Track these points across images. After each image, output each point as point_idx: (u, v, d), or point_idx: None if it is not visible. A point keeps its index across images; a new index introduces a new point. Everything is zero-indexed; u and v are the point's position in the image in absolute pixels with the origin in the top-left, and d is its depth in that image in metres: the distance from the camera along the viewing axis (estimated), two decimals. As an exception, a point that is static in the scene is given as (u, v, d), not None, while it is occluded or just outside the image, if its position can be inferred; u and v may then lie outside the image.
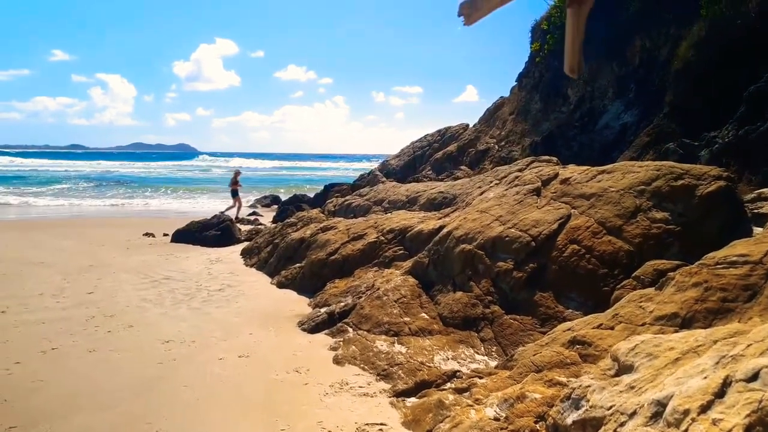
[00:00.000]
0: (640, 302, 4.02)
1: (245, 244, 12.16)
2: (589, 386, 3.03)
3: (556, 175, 6.60)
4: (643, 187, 5.48)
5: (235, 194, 18.78)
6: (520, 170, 7.60)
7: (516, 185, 6.90)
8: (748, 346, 2.47)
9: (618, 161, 9.96)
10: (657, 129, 9.50)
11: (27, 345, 5.71)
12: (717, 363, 2.47)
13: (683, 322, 3.55)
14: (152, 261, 10.64)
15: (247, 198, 28.61)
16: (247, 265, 10.15)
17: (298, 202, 22.63)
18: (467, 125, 19.62)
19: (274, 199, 27.39)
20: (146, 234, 14.52)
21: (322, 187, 25.73)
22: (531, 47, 15.14)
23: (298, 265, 8.59)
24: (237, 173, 19.70)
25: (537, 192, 6.48)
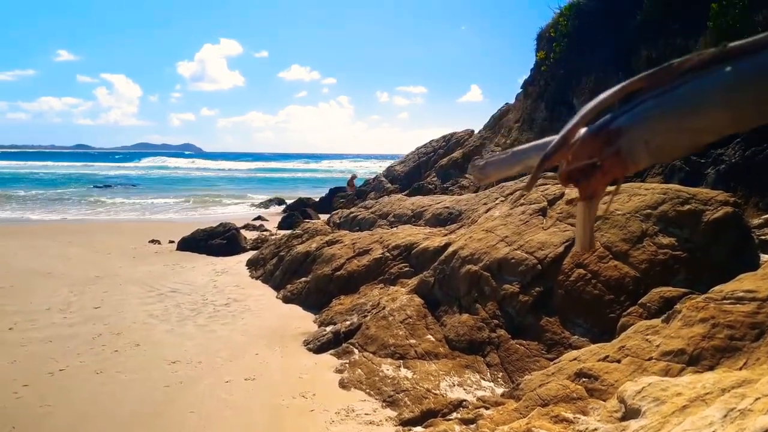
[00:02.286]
0: (647, 335, 4.02)
1: (251, 253, 12.18)
2: (596, 430, 3.04)
3: (562, 195, 6.59)
4: (649, 210, 5.47)
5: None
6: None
7: (522, 204, 6.89)
8: (756, 399, 2.47)
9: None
10: (663, 142, 9.46)
11: (35, 365, 5.75)
12: (725, 416, 2.47)
13: (690, 359, 3.55)
14: (158, 272, 10.69)
15: (252, 201, 28.72)
16: (252, 277, 10.18)
17: (303, 207, 22.71)
18: (472, 131, 19.61)
19: (280, 203, 27.49)
20: (152, 241, 14.58)
21: (327, 190, 25.86)
22: (536, 55, 15.11)
23: (303, 279, 8.61)
24: (353, 177, 20.85)
25: (543, 212, 6.48)
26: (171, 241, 14.29)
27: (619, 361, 3.97)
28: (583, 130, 0.90)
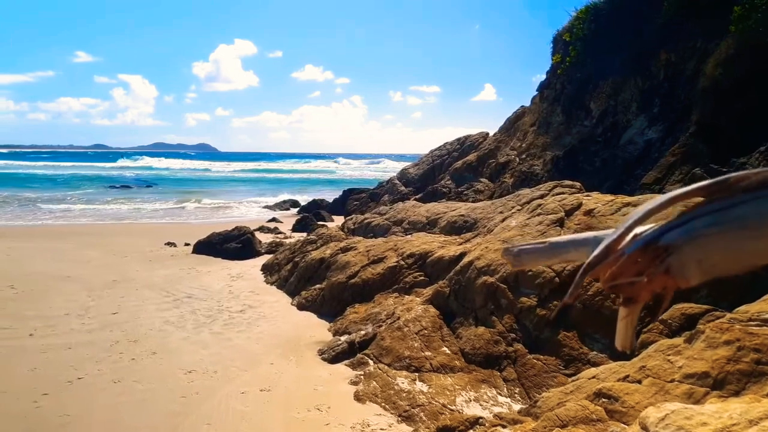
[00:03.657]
0: (668, 355, 3.94)
1: (266, 257, 12.23)
2: (617, 457, 2.98)
3: (580, 205, 6.50)
4: (670, 223, 5.37)
5: None
6: (542, 196, 7.50)
7: (539, 214, 6.82)
8: (786, 434, 2.41)
9: (643, 181, 9.81)
10: (683, 149, 9.32)
11: (54, 373, 5.81)
12: (753, 451, 2.40)
13: (715, 383, 3.47)
14: (174, 276, 10.76)
15: (266, 203, 28.85)
16: (267, 283, 10.21)
17: (317, 209, 22.78)
18: (487, 134, 19.49)
19: (294, 204, 27.62)
20: (168, 243, 14.70)
21: (341, 191, 25.94)
22: (552, 59, 14.97)
23: (318, 286, 8.61)
24: None
25: (560, 223, 6.40)
26: (187, 244, 14.40)
27: (639, 382, 3.90)
28: (629, 237, 0.85)
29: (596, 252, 0.87)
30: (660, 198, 0.84)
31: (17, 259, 11.94)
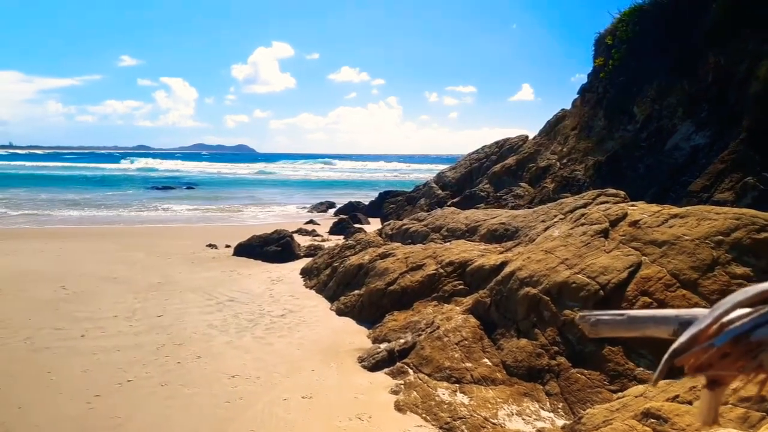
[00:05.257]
0: (721, 376, 3.82)
1: (305, 261, 12.39)
2: (669, 483, 2.92)
3: (625, 216, 6.37)
4: (720, 237, 5.21)
5: None
6: (585, 205, 7.37)
7: (582, 224, 6.70)
8: None
9: (690, 189, 9.53)
10: (733, 155, 9.00)
11: (105, 375, 6.03)
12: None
13: (771, 408, 3.35)
14: (216, 279, 11.01)
15: (303, 204, 29.21)
16: (307, 287, 10.34)
17: (353, 211, 22.96)
18: (526, 137, 19.24)
19: (330, 205, 27.91)
20: (209, 245, 15.04)
21: (377, 193, 26.06)
22: (594, 62, 14.67)
23: (357, 291, 8.68)
24: None
25: (605, 233, 6.28)
26: (227, 246, 14.71)
27: (690, 403, 3.80)
28: (716, 326, 0.85)
29: (682, 339, 0.87)
30: (749, 290, 0.83)
31: (67, 260, 12.43)
